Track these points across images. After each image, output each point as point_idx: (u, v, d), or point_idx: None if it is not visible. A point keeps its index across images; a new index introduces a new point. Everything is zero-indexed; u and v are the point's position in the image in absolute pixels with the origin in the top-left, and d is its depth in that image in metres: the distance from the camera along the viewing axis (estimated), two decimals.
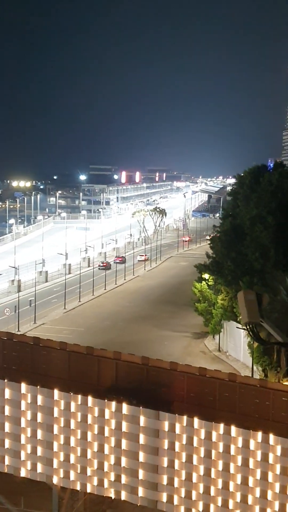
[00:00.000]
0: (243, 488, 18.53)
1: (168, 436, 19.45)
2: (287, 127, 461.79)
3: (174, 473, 19.51)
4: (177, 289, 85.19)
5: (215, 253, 56.15)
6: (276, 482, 18.07)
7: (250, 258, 48.81)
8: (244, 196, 55.52)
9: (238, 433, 18.48)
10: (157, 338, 59.55)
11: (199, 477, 19.17)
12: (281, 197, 48.88)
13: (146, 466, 19.82)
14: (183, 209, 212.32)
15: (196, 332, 61.93)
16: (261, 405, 18.43)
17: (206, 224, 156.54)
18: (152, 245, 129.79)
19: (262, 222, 48.09)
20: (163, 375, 20.27)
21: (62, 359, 22.02)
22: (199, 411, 19.23)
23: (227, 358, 53.79)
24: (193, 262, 73.38)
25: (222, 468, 18.80)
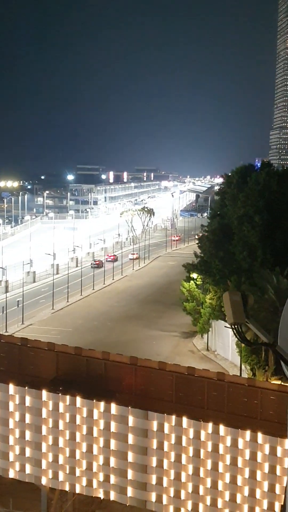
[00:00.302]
0: (232, 487, 18.56)
1: (157, 436, 19.45)
2: (274, 127, 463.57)
3: (163, 473, 19.52)
4: (166, 289, 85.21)
5: (203, 252, 56.25)
6: (264, 481, 18.12)
7: (237, 257, 48.95)
8: (231, 195, 55.64)
9: (226, 432, 18.52)
10: (146, 338, 59.53)
11: (188, 477, 19.19)
12: (268, 196, 49.07)
13: (135, 466, 19.81)
14: (171, 208, 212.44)
15: (184, 332, 61.97)
16: (250, 404, 18.47)
17: (194, 223, 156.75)
18: (140, 244, 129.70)
19: (250, 222, 48.26)
20: (151, 375, 20.26)
21: (49, 360, 21.95)
22: (188, 411, 19.25)
23: (216, 357, 53.87)
24: (181, 261, 73.42)
25: (211, 467, 18.83)
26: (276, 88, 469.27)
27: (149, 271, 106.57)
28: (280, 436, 17.77)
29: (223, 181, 67.93)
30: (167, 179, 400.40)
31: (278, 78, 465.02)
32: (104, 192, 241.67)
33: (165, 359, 37.95)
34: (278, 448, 17.82)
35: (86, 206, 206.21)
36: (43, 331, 60.64)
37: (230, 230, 51.72)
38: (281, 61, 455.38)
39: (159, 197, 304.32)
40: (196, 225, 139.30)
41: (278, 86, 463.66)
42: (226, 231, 52.70)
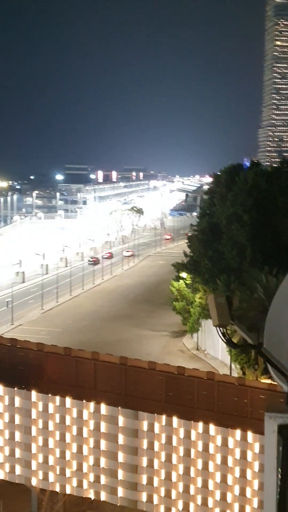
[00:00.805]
0: (223, 486, 18.59)
1: (147, 436, 19.44)
2: (262, 126, 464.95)
3: (154, 473, 19.51)
4: (155, 288, 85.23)
5: (192, 251, 56.34)
6: (254, 479, 18.17)
7: (227, 257, 49.05)
8: (220, 195, 55.76)
9: (217, 431, 18.54)
10: (136, 338, 59.51)
11: (178, 476, 19.20)
12: (256, 195, 49.20)
13: (125, 466, 19.79)
14: (160, 208, 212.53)
15: (174, 331, 62.02)
16: (240, 403, 18.52)
17: (183, 223, 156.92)
18: (129, 244, 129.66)
19: (239, 221, 48.37)
20: (141, 375, 20.25)
21: (39, 360, 21.88)
22: (178, 410, 19.26)
23: (206, 356, 53.97)
24: (171, 261, 73.49)
25: (201, 467, 18.85)
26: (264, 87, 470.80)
27: (138, 271, 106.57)
28: None
29: (212, 181, 68.09)
30: (156, 178, 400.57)
31: (266, 77, 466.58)
32: (93, 191, 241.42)
33: (155, 359, 37.96)
34: None
35: (75, 206, 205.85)
36: (33, 331, 60.46)
37: (219, 229, 51.82)
38: (269, 60, 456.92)
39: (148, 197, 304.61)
40: (185, 225, 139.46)
41: (266, 85, 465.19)
42: (215, 230, 52.80)
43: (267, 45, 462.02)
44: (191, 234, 59.12)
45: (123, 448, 19.75)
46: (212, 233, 53.08)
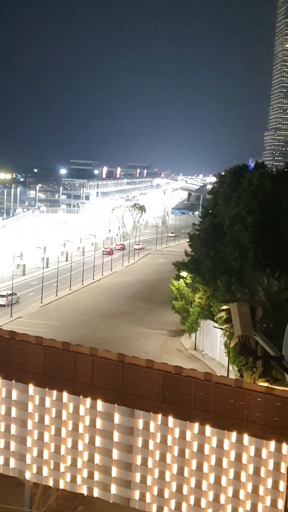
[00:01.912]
0: (216, 487, 18.56)
1: (142, 434, 19.41)
2: (269, 128, 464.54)
3: (147, 471, 19.48)
4: (155, 286, 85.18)
5: (194, 251, 56.25)
6: (248, 482, 18.13)
7: (228, 257, 48.95)
8: (224, 195, 55.64)
9: (212, 432, 18.50)
10: (134, 335, 59.48)
11: (172, 476, 19.17)
12: (261, 197, 49.09)
13: (119, 464, 19.77)
14: (162, 206, 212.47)
15: (172, 330, 61.97)
16: (236, 405, 18.45)
17: (185, 221, 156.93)
18: (130, 241, 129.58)
19: (242, 222, 48.26)
20: (139, 373, 20.19)
21: (37, 354, 21.83)
22: (174, 410, 19.21)
23: (203, 357, 53.91)
24: (172, 259, 73.39)
25: (195, 467, 18.82)
26: (272, 89, 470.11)
27: (138, 268, 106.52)
28: (265, 438, 17.78)
29: (216, 180, 67.96)
30: (159, 176, 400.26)
31: (274, 79, 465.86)
32: (96, 187, 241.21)
33: (152, 357, 37.87)
34: (263, 450, 17.84)
35: (78, 201, 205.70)
36: (31, 324, 60.44)
37: (222, 229, 51.72)
38: (278, 63, 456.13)
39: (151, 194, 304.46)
40: (187, 223, 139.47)
41: (275, 87, 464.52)
42: (217, 230, 52.70)
43: (277, 48, 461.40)
44: (193, 233, 59.03)
45: (118, 445, 19.73)
46: (214, 233, 52.99)
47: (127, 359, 20.84)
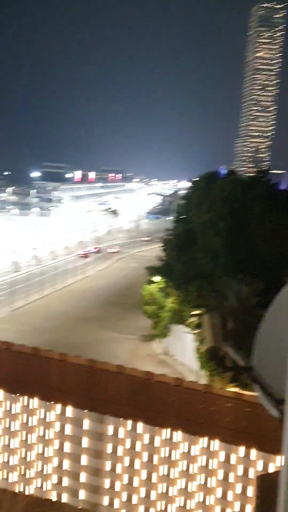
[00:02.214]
0: (185, 493, 18.58)
1: (112, 440, 19.34)
2: (240, 135, 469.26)
3: (116, 477, 19.43)
4: (127, 291, 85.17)
5: (166, 256, 56.50)
6: (217, 488, 18.18)
7: (200, 262, 49.27)
8: (197, 201, 56.05)
9: (182, 438, 18.52)
10: (105, 340, 59.35)
11: (140, 482, 19.13)
12: (232, 203, 49.59)
13: (88, 469, 19.66)
14: (136, 210, 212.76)
15: (144, 335, 62.00)
16: (206, 411, 18.50)
17: (159, 226, 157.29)
18: (104, 245, 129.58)
19: (214, 227, 48.65)
20: (109, 378, 20.13)
21: (7, 359, 21.59)
22: (144, 416, 19.19)
23: (174, 362, 54.05)
24: (144, 263, 73.47)
25: (164, 474, 18.81)
26: (244, 97, 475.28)
27: (111, 272, 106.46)
28: (235, 444, 17.86)
29: (188, 186, 68.42)
30: (133, 180, 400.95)
31: (246, 87, 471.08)
32: (69, 190, 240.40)
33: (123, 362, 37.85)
34: (232, 456, 17.91)
35: (50, 204, 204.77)
36: (0, 329, 59.92)
37: (194, 235, 52.06)
38: (250, 72, 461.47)
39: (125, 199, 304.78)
40: (160, 228, 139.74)
41: (246, 95, 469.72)
42: (190, 235, 53.03)
43: (249, 56, 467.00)
44: (166, 238, 59.27)
45: (87, 451, 19.61)
46: (187, 238, 53.31)
47: (98, 364, 20.73)
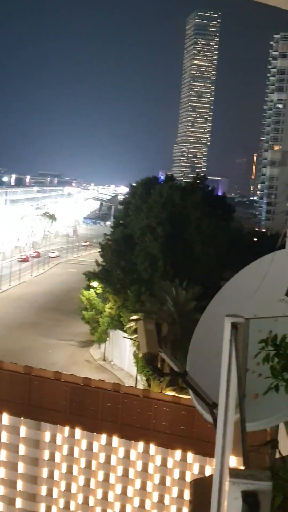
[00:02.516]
0: (122, 498, 18.58)
1: (49, 447, 19.14)
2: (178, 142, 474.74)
3: (54, 484, 19.23)
4: (64, 296, 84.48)
5: (104, 261, 56.47)
6: (154, 492, 18.28)
7: (139, 268, 49.53)
8: (135, 206, 56.36)
9: (120, 443, 18.52)
10: (42, 346, 58.64)
11: (78, 488, 19.00)
12: (170, 209, 50.13)
13: (25, 477, 19.38)
14: (73, 215, 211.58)
15: (81, 341, 61.66)
16: (143, 415, 18.59)
17: (97, 231, 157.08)
18: (40, 250, 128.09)
19: (152, 233, 49.04)
20: (46, 385, 19.93)
21: None
22: (82, 422, 19.09)
23: (112, 367, 54.02)
24: (82, 269, 73.13)
25: (102, 479, 18.76)
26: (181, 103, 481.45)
27: (48, 278, 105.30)
28: (171, 448, 18.02)
29: (127, 191, 68.73)
30: (71, 185, 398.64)
31: (183, 94, 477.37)
32: (4, 194, 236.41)
33: (60, 369, 37.51)
34: (169, 459, 18.05)
35: None
36: None
37: (133, 240, 52.30)
38: (187, 79, 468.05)
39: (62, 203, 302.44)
40: (98, 233, 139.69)
41: (183, 102, 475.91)
42: (128, 241, 53.23)
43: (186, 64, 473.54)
44: (104, 243, 59.29)
45: (24, 458, 19.32)
46: (125, 244, 53.48)
47: (34, 371, 20.48)
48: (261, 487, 1.94)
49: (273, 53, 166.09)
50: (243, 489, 1.95)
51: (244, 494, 1.95)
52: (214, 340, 3.61)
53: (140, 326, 3.86)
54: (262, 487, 1.94)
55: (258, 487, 1.94)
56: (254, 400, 3.43)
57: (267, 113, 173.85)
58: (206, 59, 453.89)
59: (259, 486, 1.94)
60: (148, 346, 3.80)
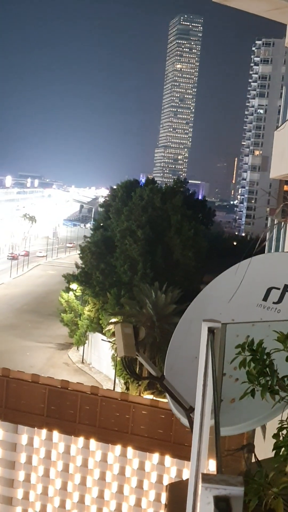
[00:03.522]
0: (99, 501, 18.52)
1: (26, 450, 19.02)
2: (159, 145, 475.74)
3: (30, 487, 19.11)
4: (43, 298, 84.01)
5: (84, 263, 56.30)
6: (131, 495, 18.25)
7: (118, 270, 49.50)
8: (116, 208, 56.29)
9: (97, 446, 18.47)
10: (20, 349, 58.23)
11: (55, 491, 18.90)
12: (151, 212, 50.20)
13: (1, 480, 19.23)
14: (54, 217, 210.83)
15: (60, 343, 61.37)
16: (121, 419, 18.56)
17: (77, 233, 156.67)
18: (20, 252, 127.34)
19: (132, 236, 49.05)
20: (23, 387, 19.81)
21: None
22: (59, 425, 19.00)
23: (90, 370, 53.84)
24: (62, 271, 72.78)
25: (79, 482, 18.68)
26: (163, 108, 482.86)
27: (27, 280, 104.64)
28: (149, 451, 18.01)
29: (108, 194, 68.65)
30: (51, 187, 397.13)
31: (165, 98, 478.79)
32: None
33: (38, 371, 37.31)
34: (146, 463, 18.04)
35: None
36: None
37: (113, 242, 52.25)
38: (169, 83, 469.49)
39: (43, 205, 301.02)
40: (78, 235, 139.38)
41: (165, 106, 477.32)
42: (108, 243, 53.17)
43: (168, 68, 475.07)
44: (84, 245, 59.14)
45: (0, 462, 19.19)
46: (105, 246, 53.41)
47: (12, 373, 20.35)
48: (233, 492, 1.94)
49: (254, 59, 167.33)
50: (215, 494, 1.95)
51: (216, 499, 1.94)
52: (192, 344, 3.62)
53: (117, 330, 3.86)
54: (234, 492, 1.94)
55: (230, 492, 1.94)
56: (231, 405, 3.45)
57: (248, 118, 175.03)
58: (188, 63, 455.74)
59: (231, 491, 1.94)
60: (125, 349, 3.80)
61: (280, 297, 4.07)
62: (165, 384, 3.81)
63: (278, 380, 2.84)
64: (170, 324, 38.32)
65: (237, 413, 3.43)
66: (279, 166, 12.67)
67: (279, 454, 2.78)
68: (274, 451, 2.80)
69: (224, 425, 3.35)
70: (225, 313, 4.03)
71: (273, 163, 14.13)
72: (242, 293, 4.19)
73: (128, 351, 3.82)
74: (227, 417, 3.41)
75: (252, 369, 2.82)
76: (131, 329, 3.91)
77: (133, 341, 3.87)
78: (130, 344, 3.84)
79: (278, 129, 13.94)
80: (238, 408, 3.40)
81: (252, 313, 4.04)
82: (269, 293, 4.13)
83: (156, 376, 3.90)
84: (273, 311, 4.04)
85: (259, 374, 2.81)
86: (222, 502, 1.93)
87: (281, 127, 13.69)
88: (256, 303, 4.14)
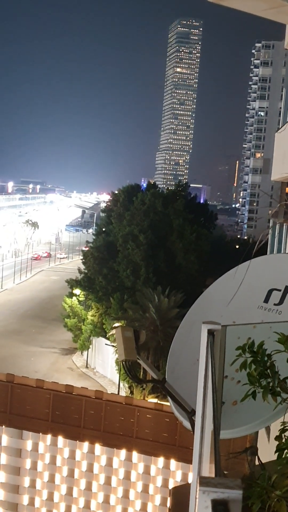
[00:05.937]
0: (105, 506, 18.48)
1: (31, 456, 18.99)
2: (160, 149, 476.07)
3: (36, 493, 19.07)
4: (47, 304, 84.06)
5: (87, 268, 56.32)
6: (137, 500, 18.21)
7: (121, 275, 49.50)
8: (117, 213, 56.32)
9: (102, 451, 18.43)
10: (24, 354, 58.25)
11: (61, 497, 18.86)
12: (152, 216, 50.21)
13: (6, 486, 19.20)
14: (56, 222, 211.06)
15: (64, 348, 61.37)
16: (126, 423, 18.53)
17: (79, 239, 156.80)
18: (22, 257, 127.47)
19: (134, 240, 49.07)
20: (28, 393, 19.80)
21: None
22: (64, 430, 18.97)
23: (95, 374, 53.80)
24: (65, 276, 72.84)
25: (84, 487, 18.64)
26: (164, 111, 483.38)
27: (30, 285, 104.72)
28: (154, 455, 17.97)
29: (109, 199, 68.69)
30: (53, 192, 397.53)
31: (165, 102, 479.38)
32: None
33: (43, 376, 37.29)
34: (151, 467, 18.01)
35: None
36: None
37: (115, 247, 52.26)
38: (169, 86, 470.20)
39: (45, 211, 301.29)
40: (81, 241, 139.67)
41: (166, 109, 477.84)
42: (111, 248, 53.18)
43: (168, 71, 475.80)
44: (87, 251, 59.17)
45: (5, 468, 19.16)
46: (107, 251, 53.43)
47: (16, 379, 20.34)
48: (231, 495, 1.92)
49: (254, 61, 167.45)
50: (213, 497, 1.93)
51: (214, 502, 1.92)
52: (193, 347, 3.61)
53: (118, 334, 3.85)
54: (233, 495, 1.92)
55: (228, 495, 1.92)
56: (233, 407, 3.43)
57: (249, 121, 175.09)
58: (188, 67, 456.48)
59: (230, 495, 1.92)
60: (126, 353, 3.79)
61: (281, 299, 4.06)
62: (167, 387, 3.80)
63: (280, 382, 2.83)
64: (174, 328, 38.25)
65: (239, 416, 3.42)
66: (281, 168, 12.66)
67: (281, 456, 2.77)
68: (276, 453, 2.79)
69: (227, 427, 3.34)
70: (226, 316, 4.02)
71: (274, 165, 14.12)
72: (243, 295, 4.18)
73: (128, 355, 3.81)
74: (229, 420, 3.40)
75: (253, 371, 2.82)
76: (131, 332, 3.91)
77: (134, 345, 3.86)
78: (131, 348, 3.84)
79: (279, 131, 13.93)
80: (241, 411, 3.39)
81: (253, 315, 4.03)
82: (270, 295, 4.12)
83: (157, 379, 3.89)
84: (274, 313, 4.03)
85: (260, 375, 2.80)
86: (220, 506, 1.91)
87: (282, 128, 13.69)
88: (257, 305, 4.13)
